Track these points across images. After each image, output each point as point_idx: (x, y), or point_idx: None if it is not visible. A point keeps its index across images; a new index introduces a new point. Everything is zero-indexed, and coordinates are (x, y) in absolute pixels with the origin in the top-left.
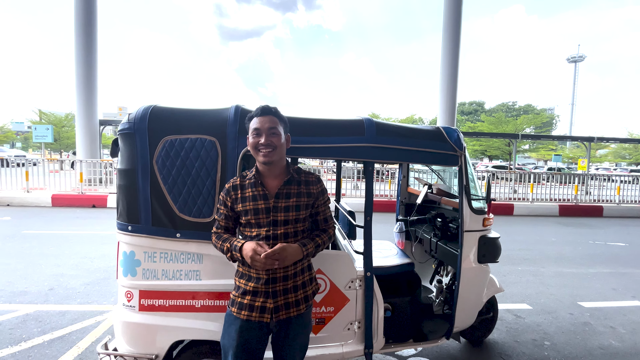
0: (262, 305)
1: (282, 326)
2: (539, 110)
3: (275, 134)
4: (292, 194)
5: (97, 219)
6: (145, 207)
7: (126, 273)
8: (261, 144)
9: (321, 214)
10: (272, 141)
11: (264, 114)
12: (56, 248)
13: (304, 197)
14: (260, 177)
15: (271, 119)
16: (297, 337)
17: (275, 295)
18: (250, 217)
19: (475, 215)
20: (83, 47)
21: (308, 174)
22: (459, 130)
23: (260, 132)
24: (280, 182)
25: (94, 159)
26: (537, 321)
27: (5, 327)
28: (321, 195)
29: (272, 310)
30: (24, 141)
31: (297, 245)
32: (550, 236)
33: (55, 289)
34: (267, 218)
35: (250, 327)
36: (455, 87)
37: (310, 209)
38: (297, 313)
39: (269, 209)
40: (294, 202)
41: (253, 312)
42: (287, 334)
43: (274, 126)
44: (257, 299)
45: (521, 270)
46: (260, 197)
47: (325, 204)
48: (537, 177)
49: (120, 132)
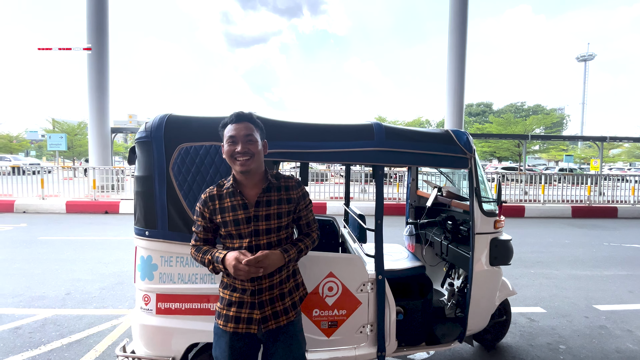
0: (248, 317)
1: (271, 336)
2: (549, 111)
3: (251, 141)
4: (273, 201)
5: (110, 224)
6: (162, 212)
7: (143, 277)
8: (237, 152)
9: (303, 219)
10: (249, 149)
11: (239, 120)
12: (71, 253)
13: (284, 203)
14: (238, 186)
15: (247, 125)
16: (291, 347)
17: (262, 305)
18: (231, 229)
19: (487, 217)
20: (95, 56)
21: (287, 178)
22: (468, 132)
23: (236, 140)
24: (259, 189)
25: (106, 166)
26: (551, 325)
27: (25, 331)
28: (302, 199)
29: (259, 321)
30: (38, 149)
31: (279, 251)
32: (563, 238)
33: (72, 293)
34: (247, 228)
35: (238, 339)
36: (463, 89)
37: (292, 214)
38: (287, 321)
39: (249, 218)
40: (275, 210)
41: (240, 324)
42: (278, 345)
43: (250, 133)
44: (243, 310)
45: (534, 273)
46: (239, 207)
47: (307, 208)
48: (549, 178)
49: (138, 141)
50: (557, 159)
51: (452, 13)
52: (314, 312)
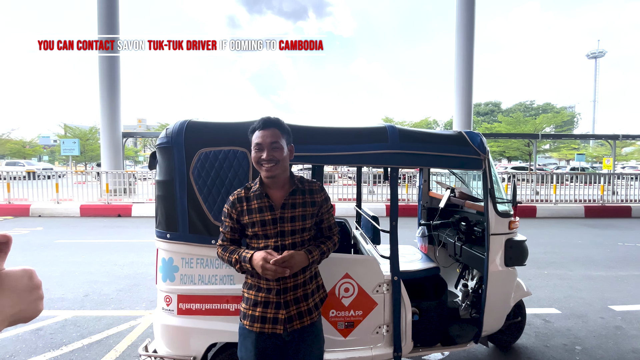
0: (274, 317)
1: (296, 336)
2: (559, 109)
3: (277, 148)
4: (298, 204)
5: (123, 227)
6: (183, 215)
7: (165, 278)
8: (263, 159)
9: (325, 222)
10: (274, 156)
11: (266, 127)
12: (87, 256)
13: (309, 206)
14: (265, 188)
15: (273, 132)
16: (312, 346)
17: (287, 305)
18: (257, 229)
19: (501, 218)
20: (106, 64)
21: (311, 182)
22: (482, 134)
23: (262, 147)
24: (285, 192)
25: (118, 170)
26: (567, 325)
27: (47, 332)
28: (324, 203)
29: (284, 320)
30: (50, 154)
31: (303, 252)
32: (576, 238)
33: (90, 295)
34: (274, 229)
35: (264, 340)
36: (471, 88)
37: (315, 217)
38: (310, 322)
39: (275, 219)
40: (300, 212)
41: (266, 324)
42: (301, 344)
43: (276, 140)
44: (269, 310)
45: (548, 273)
46: (266, 209)
47: (329, 212)
48: (560, 178)
49: (159, 146)
50: (569, 158)
51: (458, 12)
52: (331, 313)
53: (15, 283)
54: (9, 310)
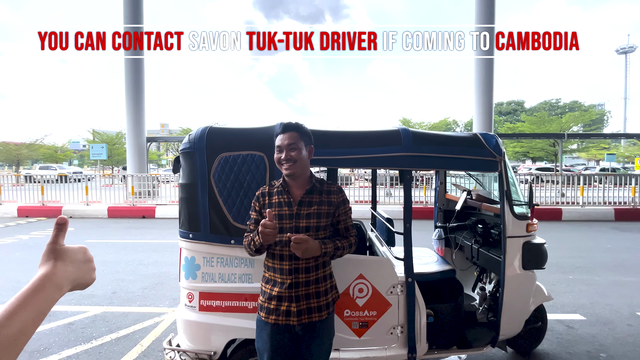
0: (287, 309)
1: (307, 331)
2: (587, 107)
3: (294, 149)
4: (314, 202)
5: (148, 228)
6: (204, 216)
7: (188, 276)
8: (282, 159)
9: (342, 223)
10: (291, 156)
11: (285, 130)
12: (114, 255)
13: (324, 205)
14: (286, 186)
15: (291, 135)
16: (321, 344)
17: (298, 299)
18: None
19: (518, 220)
20: (131, 71)
21: (330, 184)
22: (497, 135)
23: (282, 149)
24: (304, 191)
25: (143, 173)
26: (591, 332)
27: (78, 327)
28: (342, 204)
29: (295, 313)
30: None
31: (317, 242)
32: (605, 242)
33: (118, 292)
34: (289, 224)
35: (279, 331)
36: (492, 87)
37: (331, 217)
38: (319, 319)
39: (292, 215)
40: (316, 210)
41: (279, 316)
42: (312, 339)
43: (294, 142)
44: (282, 303)
45: (573, 279)
46: (285, 204)
47: (347, 214)
48: (588, 179)
49: (182, 151)
50: (598, 158)
51: (478, 9)
52: (345, 313)
53: (74, 256)
54: (72, 276)
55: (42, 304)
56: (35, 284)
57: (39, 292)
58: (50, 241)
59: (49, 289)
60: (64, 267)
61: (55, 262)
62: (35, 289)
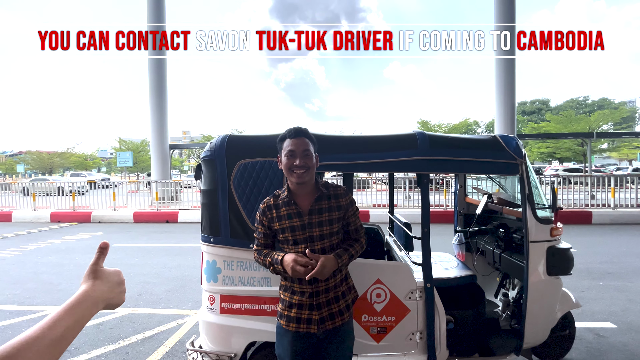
0: (308, 317)
1: (330, 335)
2: (617, 104)
3: (308, 156)
4: (324, 209)
5: (171, 232)
6: (225, 221)
7: (209, 279)
8: (296, 165)
9: (352, 225)
10: (306, 162)
11: (297, 135)
12: (140, 259)
13: (335, 210)
14: (292, 196)
15: (303, 140)
16: (344, 344)
17: (320, 307)
18: (287, 235)
19: (541, 225)
20: (155, 81)
21: (336, 187)
22: (518, 137)
23: (295, 154)
24: (311, 199)
25: (166, 179)
26: (623, 341)
27: (106, 327)
28: (350, 206)
29: (318, 321)
30: (108, 166)
31: (332, 257)
32: (638, 247)
33: (143, 294)
34: (303, 234)
35: (299, 338)
36: (514, 86)
37: (342, 221)
38: (341, 322)
39: (304, 225)
40: (327, 217)
41: (301, 324)
42: (333, 342)
43: (307, 148)
44: (303, 311)
45: (604, 285)
46: (294, 215)
47: (355, 215)
48: (620, 180)
49: (203, 159)
50: (630, 157)
51: (497, 7)
52: (363, 317)
53: (110, 277)
54: (106, 295)
55: (81, 315)
56: (77, 298)
57: (79, 305)
58: (92, 262)
59: (87, 303)
60: (101, 287)
61: (94, 281)
62: (76, 302)
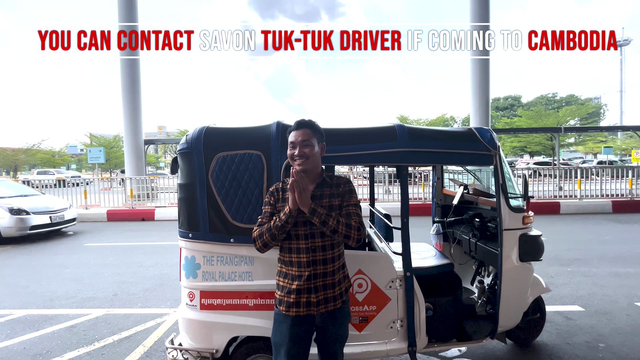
0: (307, 301)
1: (326, 318)
2: (583, 100)
3: (307, 145)
4: (325, 195)
5: (147, 230)
6: (203, 216)
7: (188, 275)
8: (295, 155)
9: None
10: (304, 152)
11: (299, 127)
12: (115, 258)
13: (335, 197)
14: None
15: (305, 132)
16: (339, 328)
17: (317, 290)
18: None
19: (514, 213)
20: (127, 75)
21: (339, 177)
22: (492, 130)
23: (295, 145)
24: (314, 185)
25: (141, 176)
26: (590, 323)
27: (80, 329)
28: (348, 193)
29: (315, 303)
30: (78, 163)
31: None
32: (603, 235)
33: (119, 294)
34: (303, 217)
35: (299, 322)
36: (488, 83)
37: (342, 209)
38: (334, 307)
39: None
40: (327, 203)
41: (300, 308)
42: (329, 327)
43: (307, 138)
44: (302, 295)
45: (571, 271)
46: None
47: (351, 201)
48: (586, 172)
49: (180, 152)
50: (595, 151)
51: (472, 7)
52: None
53: None
54: None
55: None
56: None
57: None
58: None
59: None
60: None
61: None
62: None
